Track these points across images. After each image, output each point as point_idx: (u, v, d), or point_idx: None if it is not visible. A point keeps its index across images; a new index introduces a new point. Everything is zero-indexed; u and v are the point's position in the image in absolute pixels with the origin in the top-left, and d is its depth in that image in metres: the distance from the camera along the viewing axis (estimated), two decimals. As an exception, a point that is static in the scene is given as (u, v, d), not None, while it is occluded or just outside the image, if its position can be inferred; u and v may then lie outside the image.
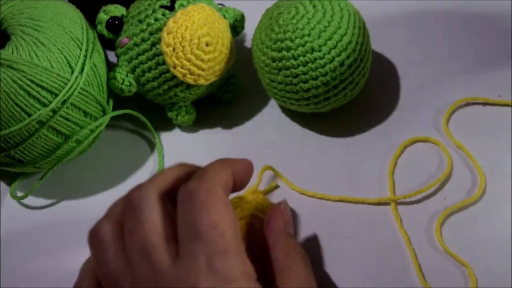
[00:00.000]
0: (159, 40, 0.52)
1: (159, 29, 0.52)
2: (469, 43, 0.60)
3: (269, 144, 0.56)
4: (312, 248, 0.50)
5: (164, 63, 0.52)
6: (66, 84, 0.49)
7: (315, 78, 0.51)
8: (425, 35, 0.61)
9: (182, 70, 0.52)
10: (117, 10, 0.54)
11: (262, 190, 0.52)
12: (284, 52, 0.51)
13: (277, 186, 0.53)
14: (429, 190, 0.51)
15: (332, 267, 0.49)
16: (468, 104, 0.56)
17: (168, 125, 0.58)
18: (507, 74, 0.57)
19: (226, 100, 0.58)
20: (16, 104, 0.48)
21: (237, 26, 0.57)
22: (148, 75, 0.53)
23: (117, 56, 0.55)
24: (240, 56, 0.58)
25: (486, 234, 0.49)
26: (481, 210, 0.50)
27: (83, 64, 0.51)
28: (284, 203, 0.44)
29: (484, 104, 0.55)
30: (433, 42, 0.60)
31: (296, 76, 0.51)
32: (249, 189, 0.51)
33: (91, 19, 0.55)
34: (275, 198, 0.52)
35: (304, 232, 0.51)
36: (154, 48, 0.52)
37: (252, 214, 0.46)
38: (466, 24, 0.61)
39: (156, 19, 0.52)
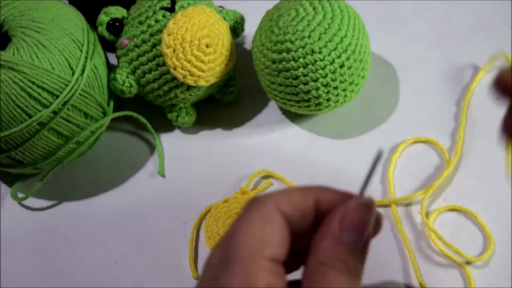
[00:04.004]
0: (160, 41, 0.52)
1: (160, 31, 0.52)
2: (468, 45, 0.60)
3: (269, 145, 0.56)
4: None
5: (164, 64, 0.52)
6: (66, 85, 0.50)
7: (315, 80, 0.51)
8: (425, 37, 0.61)
9: (183, 71, 0.52)
10: (117, 11, 0.55)
11: (256, 190, 0.53)
12: (284, 54, 0.51)
13: (271, 184, 0.54)
14: (429, 192, 0.51)
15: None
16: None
17: (168, 127, 0.58)
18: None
19: (226, 101, 0.58)
20: (17, 106, 0.48)
21: (237, 28, 0.57)
22: (148, 76, 0.53)
23: (118, 57, 0.55)
24: (240, 58, 0.58)
25: (484, 234, 0.49)
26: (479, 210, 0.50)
27: (84, 66, 0.51)
28: (359, 202, 0.31)
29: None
30: (432, 44, 0.61)
31: (296, 77, 0.51)
32: (240, 189, 0.52)
33: (91, 21, 0.55)
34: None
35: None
36: (154, 50, 0.52)
37: (237, 212, 0.50)
38: (465, 26, 0.61)
39: (156, 21, 0.53)
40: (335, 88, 0.52)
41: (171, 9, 0.53)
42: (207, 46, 0.52)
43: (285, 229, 0.29)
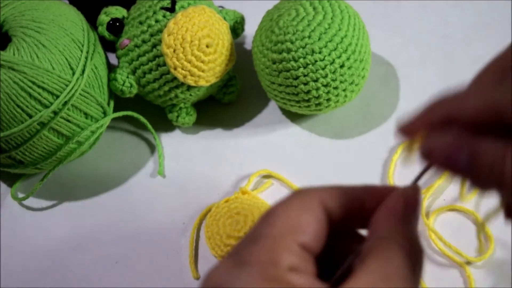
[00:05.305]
0: (160, 41, 0.52)
1: (160, 31, 0.52)
2: (468, 45, 0.60)
3: (269, 145, 0.56)
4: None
5: (164, 64, 0.52)
6: (67, 85, 0.50)
7: (316, 80, 0.51)
8: (425, 37, 0.61)
9: (183, 72, 0.52)
10: (118, 11, 0.55)
11: (256, 190, 0.53)
12: (284, 54, 0.51)
13: (271, 184, 0.54)
14: (429, 192, 0.51)
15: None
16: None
17: (168, 127, 0.58)
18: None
19: (226, 101, 0.58)
20: (17, 106, 0.48)
21: (237, 28, 0.57)
22: (148, 76, 0.53)
23: (118, 57, 0.55)
24: (240, 58, 0.58)
25: (484, 234, 0.49)
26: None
27: (84, 66, 0.51)
28: (415, 189, 0.31)
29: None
30: (433, 44, 0.61)
31: (297, 78, 0.51)
32: (240, 189, 0.52)
33: (92, 21, 0.55)
34: (273, 199, 0.53)
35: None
36: (154, 50, 0.52)
37: (238, 212, 0.50)
38: (465, 26, 0.61)
39: (156, 21, 0.53)
40: (335, 88, 0.52)
41: (171, 9, 0.53)
42: (207, 46, 0.52)
43: (323, 222, 0.29)
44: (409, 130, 0.30)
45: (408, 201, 0.31)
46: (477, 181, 0.27)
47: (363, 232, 0.32)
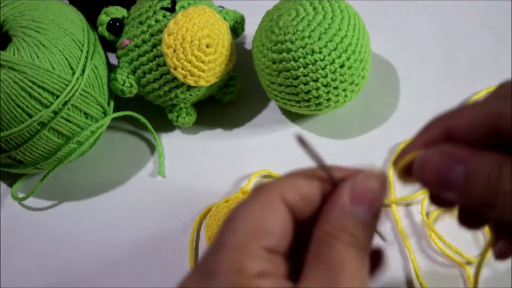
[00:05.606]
0: (160, 41, 0.52)
1: (160, 31, 0.52)
2: (468, 45, 0.60)
3: (269, 145, 0.56)
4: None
5: (165, 64, 0.52)
6: (67, 85, 0.50)
7: (316, 80, 0.51)
8: (425, 37, 0.61)
9: (183, 72, 0.52)
10: (118, 11, 0.55)
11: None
12: (284, 54, 0.51)
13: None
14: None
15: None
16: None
17: (168, 127, 0.58)
18: (506, 75, 0.57)
19: (226, 101, 0.58)
20: (18, 106, 0.48)
21: (237, 28, 0.57)
22: (149, 76, 0.53)
23: (118, 57, 0.55)
24: (240, 58, 0.58)
25: (484, 234, 0.49)
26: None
27: (84, 66, 0.51)
28: (370, 174, 0.30)
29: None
30: (433, 44, 0.61)
31: (297, 78, 0.51)
32: (240, 189, 0.52)
33: (92, 21, 0.55)
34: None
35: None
36: (155, 50, 0.52)
37: None
38: (465, 26, 0.61)
39: (157, 21, 0.53)
40: (335, 88, 0.52)
41: (172, 9, 0.53)
42: (207, 46, 0.52)
43: (288, 220, 0.29)
44: (407, 152, 0.30)
45: (359, 188, 0.29)
46: (470, 197, 0.26)
47: None
